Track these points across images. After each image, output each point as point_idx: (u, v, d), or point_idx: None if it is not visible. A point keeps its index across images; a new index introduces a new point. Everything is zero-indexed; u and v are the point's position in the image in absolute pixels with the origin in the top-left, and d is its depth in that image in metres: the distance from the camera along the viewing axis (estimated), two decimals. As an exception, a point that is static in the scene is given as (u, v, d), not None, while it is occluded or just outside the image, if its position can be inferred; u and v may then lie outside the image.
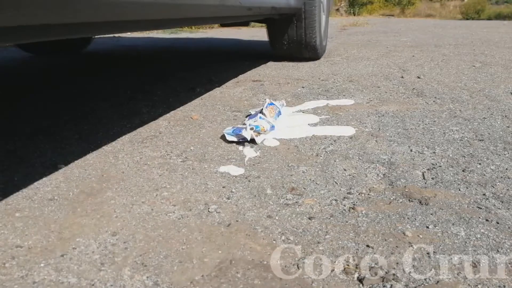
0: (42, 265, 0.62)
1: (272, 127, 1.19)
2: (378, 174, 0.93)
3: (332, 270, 0.61)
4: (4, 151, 1.09)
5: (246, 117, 1.29)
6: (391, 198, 0.82)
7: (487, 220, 0.73)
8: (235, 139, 1.12)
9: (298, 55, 2.45)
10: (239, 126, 1.18)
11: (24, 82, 2.14)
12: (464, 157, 1.02)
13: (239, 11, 1.49)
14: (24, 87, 2.00)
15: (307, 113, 1.43)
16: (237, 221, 0.74)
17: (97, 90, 1.87)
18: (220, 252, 0.65)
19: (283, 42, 2.36)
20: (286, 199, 0.82)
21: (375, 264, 0.62)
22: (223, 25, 3.08)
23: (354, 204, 0.80)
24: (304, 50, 2.40)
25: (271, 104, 1.31)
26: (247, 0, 1.43)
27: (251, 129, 1.11)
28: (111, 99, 1.66)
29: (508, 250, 0.64)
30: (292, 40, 2.33)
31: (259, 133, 1.13)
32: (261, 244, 0.67)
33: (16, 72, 2.43)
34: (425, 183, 0.88)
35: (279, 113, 1.32)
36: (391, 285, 0.57)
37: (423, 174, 0.92)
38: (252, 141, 1.11)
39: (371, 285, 0.57)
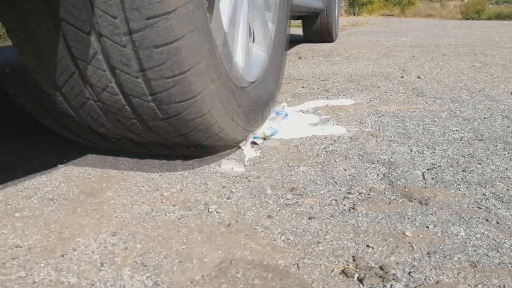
0: (42, 265, 0.62)
1: (275, 131, 1.19)
2: (378, 174, 0.93)
3: (332, 270, 0.61)
4: (3, 151, 1.09)
5: None
6: (391, 198, 0.82)
7: (487, 220, 0.73)
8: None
9: (321, 39, 3.82)
10: None
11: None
12: (464, 157, 1.02)
13: (307, 10, 2.86)
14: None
15: (307, 113, 1.43)
16: (237, 221, 0.74)
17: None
18: (220, 252, 0.65)
19: (313, 30, 3.77)
20: (286, 199, 0.82)
21: (375, 264, 0.62)
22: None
23: (354, 204, 0.80)
24: (325, 35, 3.78)
25: (277, 113, 1.32)
26: (313, 4, 2.86)
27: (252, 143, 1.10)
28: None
29: (508, 250, 0.64)
30: (317, 29, 3.74)
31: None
32: (261, 244, 0.67)
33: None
34: (425, 183, 0.88)
35: (286, 115, 1.33)
36: (391, 285, 0.57)
37: (423, 174, 0.92)
38: (252, 141, 1.11)
39: (371, 285, 0.57)
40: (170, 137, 0.86)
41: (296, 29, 4.84)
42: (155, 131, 0.85)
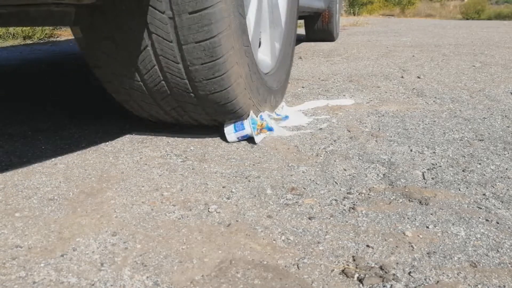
0: (42, 265, 0.62)
1: (271, 128, 1.19)
2: (378, 174, 0.93)
3: (332, 270, 0.61)
4: (3, 151, 1.09)
5: None
6: (391, 198, 0.82)
7: (487, 220, 0.73)
8: (235, 139, 1.12)
9: (322, 38, 4.00)
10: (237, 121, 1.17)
11: (22, 83, 2.14)
12: (464, 157, 1.02)
13: (309, 11, 3.02)
14: (23, 88, 2.00)
15: (307, 113, 1.43)
16: (237, 221, 0.74)
17: (94, 89, 1.87)
18: (220, 252, 0.65)
19: (314, 29, 3.95)
20: (286, 199, 0.82)
21: (375, 264, 0.62)
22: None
23: (354, 204, 0.80)
24: (326, 34, 3.95)
25: (277, 115, 1.32)
26: (316, 5, 2.99)
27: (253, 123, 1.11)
28: (110, 99, 1.66)
29: (508, 250, 0.64)
30: (319, 28, 3.92)
31: (258, 132, 1.13)
32: (261, 244, 0.67)
33: (17, 73, 2.44)
34: (425, 183, 0.88)
35: (286, 117, 1.33)
36: (391, 285, 0.57)
37: (423, 174, 0.92)
38: (251, 139, 1.12)
39: (371, 285, 0.57)
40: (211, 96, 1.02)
41: (298, 29, 4.85)
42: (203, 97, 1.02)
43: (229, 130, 1.13)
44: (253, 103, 1.15)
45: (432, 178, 0.90)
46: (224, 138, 1.15)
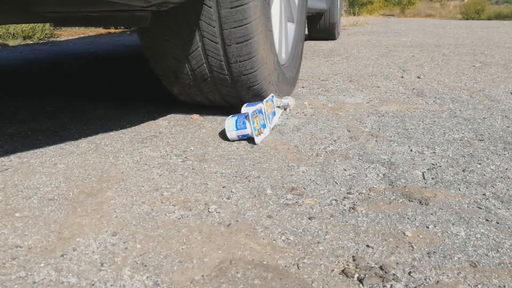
0: (42, 265, 0.62)
1: (264, 126, 1.17)
2: (378, 174, 0.93)
3: (332, 270, 0.61)
4: (3, 151, 1.09)
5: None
6: (391, 198, 0.82)
7: (487, 220, 0.73)
8: (235, 137, 1.12)
9: (324, 37, 4.18)
10: (239, 114, 1.16)
11: (22, 83, 2.14)
12: (464, 157, 1.02)
13: (312, 11, 3.16)
14: (23, 88, 2.00)
15: (306, 113, 1.43)
16: (237, 221, 0.74)
17: (95, 90, 1.87)
18: (220, 252, 0.65)
19: (316, 28, 4.11)
20: (286, 199, 0.82)
21: (375, 264, 0.62)
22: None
23: (354, 204, 0.80)
24: (327, 33, 4.12)
25: (271, 100, 1.30)
26: (318, 6, 3.13)
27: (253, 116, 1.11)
28: (109, 99, 1.67)
29: (508, 250, 0.64)
30: (321, 28, 4.10)
31: (259, 132, 1.13)
32: (261, 244, 0.67)
33: (17, 73, 2.44)
34: (425, 183, 0.88)
35: (273, 113, 1.32)
36: (391, 285, 0.57)
37: (423, 174, 0.92)
38: (251, 140, 1.11)
39: (371, 285, 0.57)
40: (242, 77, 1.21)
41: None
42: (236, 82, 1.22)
43: (230, 127, 1.12)
44: (273, 89, 1.29)
45: (432, 178, 0.90)
46: (224, 137, 1.15)
